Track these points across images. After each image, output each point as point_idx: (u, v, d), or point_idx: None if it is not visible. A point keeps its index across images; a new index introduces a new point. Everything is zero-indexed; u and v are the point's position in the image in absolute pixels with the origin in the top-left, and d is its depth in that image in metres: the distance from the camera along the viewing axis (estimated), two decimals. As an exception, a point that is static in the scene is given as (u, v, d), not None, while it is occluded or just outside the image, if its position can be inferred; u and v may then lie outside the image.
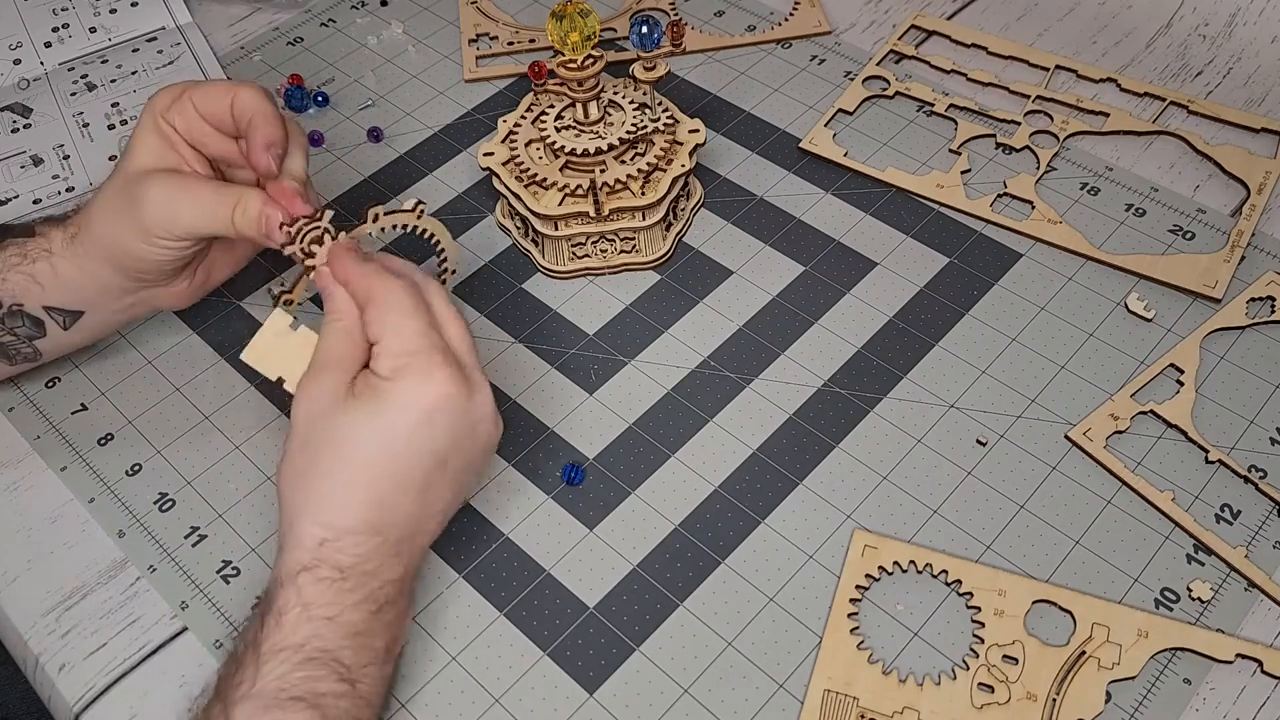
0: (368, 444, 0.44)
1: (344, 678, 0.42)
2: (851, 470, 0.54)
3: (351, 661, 0.43)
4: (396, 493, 0.45)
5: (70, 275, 0.53)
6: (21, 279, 0.53)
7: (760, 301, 0.61)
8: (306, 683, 0.41)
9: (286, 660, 0.42)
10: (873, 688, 0.47)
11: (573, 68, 0.58)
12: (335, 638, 0.43)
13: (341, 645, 0.43)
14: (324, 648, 0.42)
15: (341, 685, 0.42)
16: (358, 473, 0.44)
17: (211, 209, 0.50)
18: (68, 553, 0.54)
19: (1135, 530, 0.51)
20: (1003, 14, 0.77)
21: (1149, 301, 0.59)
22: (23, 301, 0.54)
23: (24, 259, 0.53)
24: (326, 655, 0.42)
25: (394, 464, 0.45)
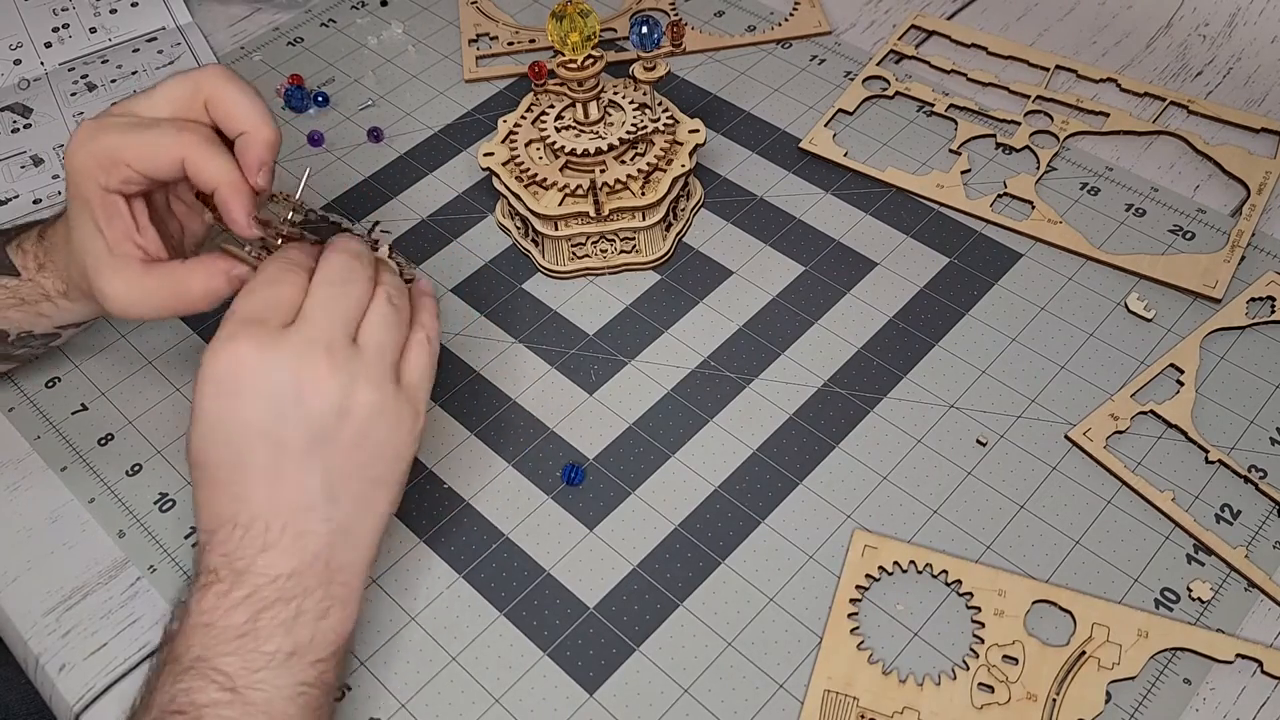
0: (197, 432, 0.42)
1: (225, 686, 0.40)
2: (851, 470, 0.54)
3: (233, 668, 0.40)
4: (235, 477, 0.42)
5: (75, 309, 0.53)
6: (25, 316, 0.53)
7: (760, 301, 0.61)
8: (186, 694, 0.40)
9: (171, 674, 0.40)
10: (873, 688, 0.47)
11: (573, 68, 0.58)
12: (212, 644, 0.40)
13: (220, 652, 0.40)
14: (201, 656, 0.40)
15: (223, 694, 0.40)
16: (202, 466, 0.43)
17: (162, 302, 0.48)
18: (68, 553, 0.54)
19: (1135, 530, 0.51)
20: (1003, 14, 0.77)
21: (1149, 301, 0.59)
22: (31, 329, 0.54)
23: (22, 302, 0.52)
24: (203, 664, 0.40)
25: (220, 447, 0.42)
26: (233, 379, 0.42)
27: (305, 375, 0.42)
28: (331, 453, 0.43)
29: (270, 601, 0.41)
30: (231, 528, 0.42)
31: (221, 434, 0.42)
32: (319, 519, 0.43)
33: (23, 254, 0.52)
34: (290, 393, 0.42)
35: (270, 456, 0.42)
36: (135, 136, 0.46)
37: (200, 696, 0.40)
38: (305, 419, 0.42)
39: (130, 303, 0.48)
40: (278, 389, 0.42)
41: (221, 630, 0.41)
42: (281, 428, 0.42)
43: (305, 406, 0.42)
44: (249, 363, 0.42)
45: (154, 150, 0.46)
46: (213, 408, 0.42)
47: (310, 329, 0.43)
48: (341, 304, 0.44)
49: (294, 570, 0.42)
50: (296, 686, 0.41)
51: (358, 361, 0.43)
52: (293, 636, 0.42)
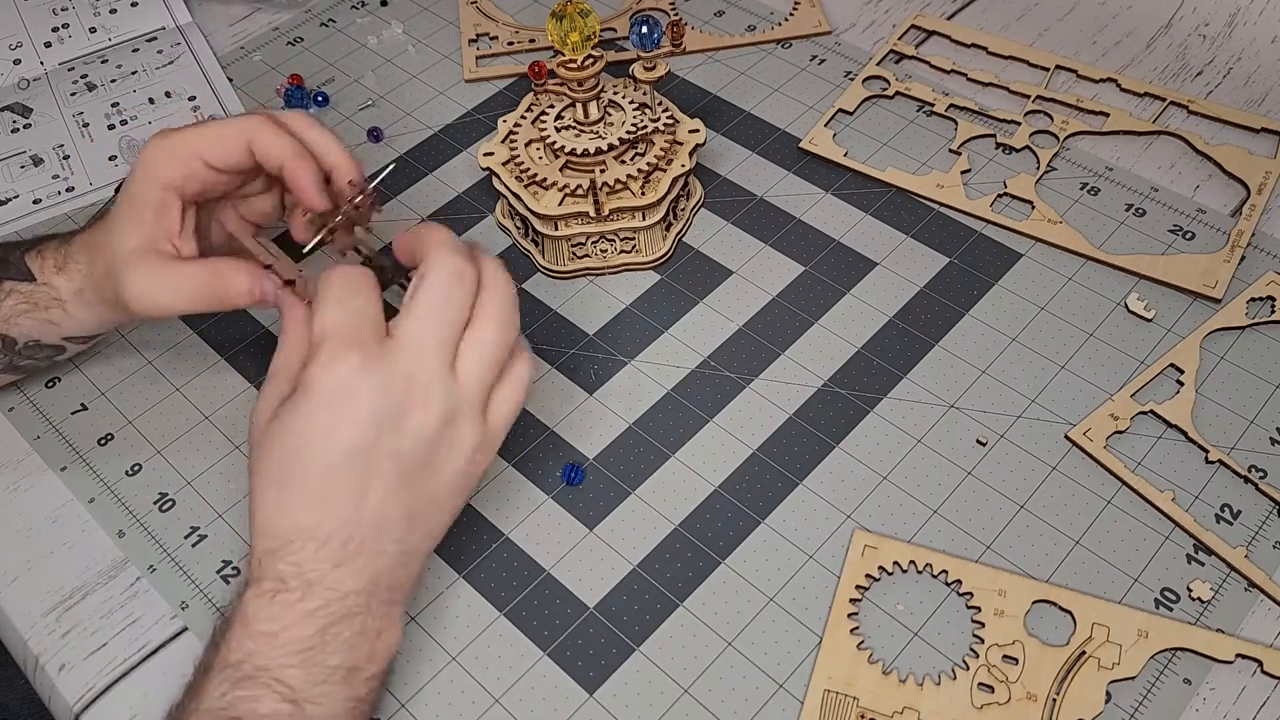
0: (287, 443, 0.42)
1: (288, 698, 0.40)
2: (851, 470, 0.54)
3: (297, 681, 0.40)
4: (323, 491, 0.42)
5: (85, 317, 0.53)
6: (35, 323, 0.53)
7: (760, 301, 0.61)
8: (244, 703, 0.39)
9: (227, 679, 0.40)
10: (873, 688, 0.47)
11: (573, 68, 0.58)
12: (276, 655, 0.40)
13: (284, 663, 0.40)
14: (263, 665, 0.40)
15: (285, 705, 0.40)
16: (285, 474, 0.42)
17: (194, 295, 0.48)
18: (68, 553, 0.54)
19: (1135, 530, 0.51)
20: (1003, 14, 0.77)
21: (1149, 301, 0.59)
22: (39, 338, 0.54)
23: (34, 307, 0.52)
24: (266, 674, 0.40)
25: (313, 460, 0.42)
26: (340, 395, 0.41)
27: (409, 401, 0.42)
28: (416, 479, 0.43)
29: (338, 617, 0.41)
30: (307, 539, 0.42)
31: (319, 451, 0.42)
32: (392, 541, 0.43)
33: (41, 259, 0.53)
34: (391, 416, 0.42)
35: (361, 475, 0.42)
36: (207, 130, 0.49)
37: (261, 706, 0.39)
38: (400, 442, 0.42)
39: (153, 293, 0.48)
40: (381, 411, 0.42)
41: (288, 641, 0.41)
42: (377, 448, 0.42)
43: (403, 431, 0.42)
44: (357, 380, 0.41)
45: (223, 140, 0.49)
46: (314, 426, 0.42)
47: (414, 353, 0.42)
48: (444, 329, 0.43)
49: (361, 588, 0.42)
50: (350, 701, 0.42)
51: (457, 394, 0.43)
52: (356, 652, 0.42)
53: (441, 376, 0.43)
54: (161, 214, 0.49)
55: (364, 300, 0.43)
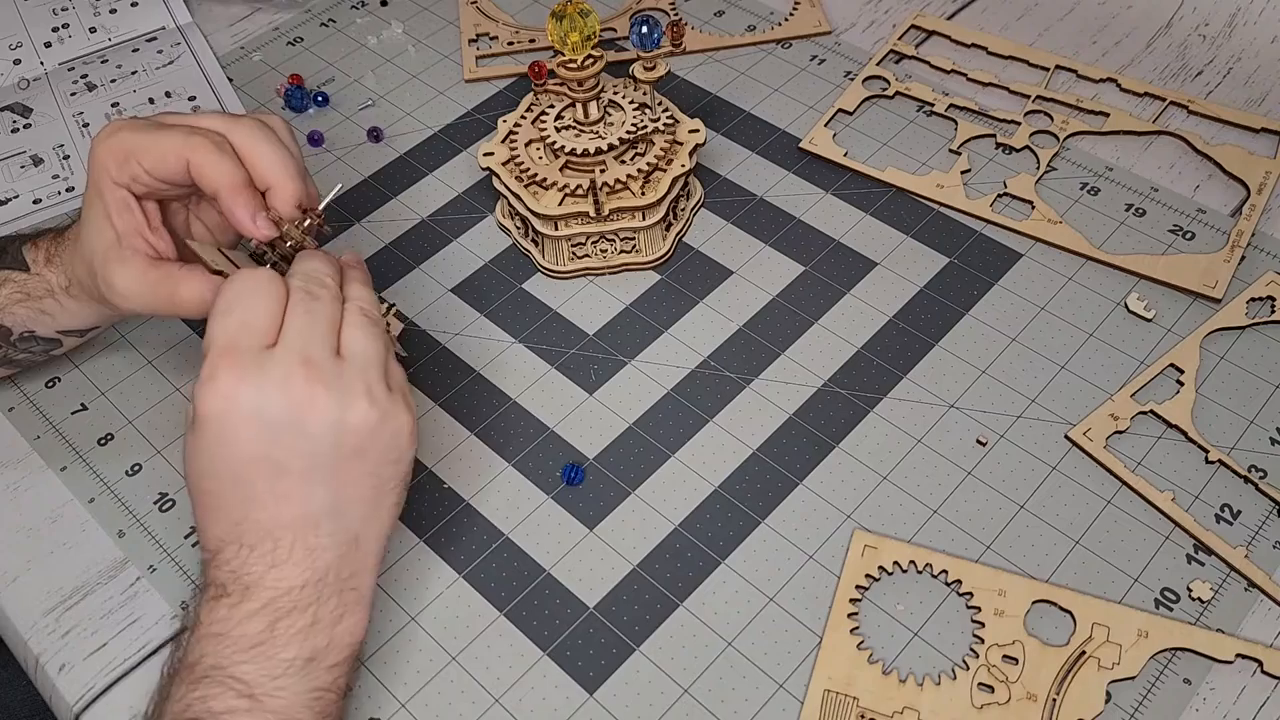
0: (194, 462, 0.43)
1: (244, 694, 0.40)
2: (851, 470, 0.54)
3: (252, 676, 0.41)
4: (234, 501, 0.42)
5: (76, 310, 0.53)
6: (29, 313, 0.53)
7: (760, 301, 0.61)
8: (202, 702, 0.40)
9: (184, 680, 0.41)
10: (873, 688, 0.47)
11: (573, 68, 0.58)
12: (228, 653, 0.41)
13: (236, 660, 0.41)
14: (216, 664, 0.41)
15: (241, 701, 0.40)
16: (200, 490, 0.43)
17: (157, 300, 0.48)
18: (68, 553, 0.54)
19: (1135, 530, 0.51)
20: (1003, 14, 0.77)
21: (1149, 301, 0.59)
22: (34, 329, 0.54)
23: (28, 297, 0.53)
24: (220, 672, 0.41)
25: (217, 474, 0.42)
26: (224, 415, 0.41)
27: (297, 399, 0.42)
28: (334, 469, 0.43)
29: (286, 611, 0.42)
30: (237, 548, 0.42)
31: (220, 466, 0.42)
32: (326, 533, 0.43)
33: (35, 249, 0.53)
34: (285, 418, 0.42)
35: (271, 480, 0.42)
36: (148, 137, 0.47)
37: (217, 704, 0.40)
38: (304, 442, 0.42)
39: (132, 295, 0.48)
40: (272, 417, 0.41)
41: (236, 639, 0.41)
42: (281, 452, 0.42)
43: (303, 429, 0.42)
44: (237, 396, 0.41)
45: (161, 152, 0.47)
46: (208, 444, 0.42)
47: (293, 351, 0.42)
48: (318, 320, 0.43)
49: (306, 581, 0.42)
50: (313, 692, 0.42)
51: (347, 375, 0.43)
52: (310, 643, 0.42)
53: (327, 365, 0.42)
54: (121, 211, 0.48)
55: (251, 309, 0.43)
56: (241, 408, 0.41)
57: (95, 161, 0.48)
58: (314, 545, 0.43)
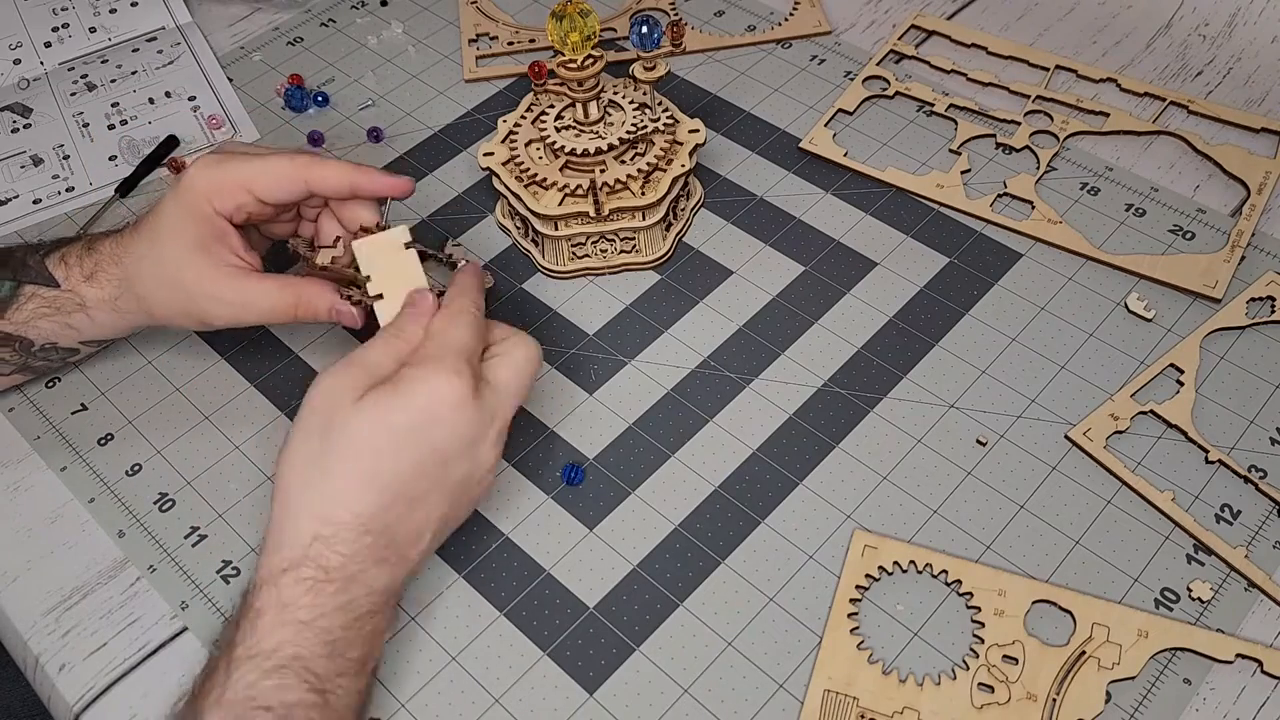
0: (373, 433, 0.43)
1: (315, 688, 0.41)
2: (851, 470, 0.54)
3: (324, 671, 0.41)
4: (393, 489, 0.44)
5: (109, 322, 0.54)
6: (55, 326, 0.54)
7: (760, 301, 0.61)
8: (276, 692, 0.40)
9: (257, 667, 0.40)
10: (873, 688, 0.47)
11: (573, 68, 0.58)
12: (309, 644, 0.41)
13: (315, 653, 0.41)
14: (296, 654, 0.41)
15: (313, 696, 0.40)
16: (358, 463, 0.43)
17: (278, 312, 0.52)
18: (68, 553, 0.54)
19: (1135, 530, 0.51)
20: (1003, 14, 0.77)
21: (1149, 301, 0.59)
22: (56, 341, 0.55)
23: (56, 311, 0.53)
24: (298, 663, 0.41)
25: (403, 456, 0.44)
26: (449, 407, 0.44)
27: (485, 431, 0.46)
28: (458, 498, 0.46)
29: (363, 612, 0.43)
30: (362, 532, 0.43)
31: (414, 445, 0.44)
32: (419, 550, 0.46)
33: (65, 266, 0.54)
34: (473, 439, 0.45)
35: (431, 484, 0.45)
36: (260, 165, 0.51)
37: (290, 695, 0.40)
38: (468, 464, 0.46)
39: (243, 310, 0.52)
40: (468, 431, 0.45)
41: (321, 631, 0.42)
42: (452, 464, 0.45)
43: (474, 454, 0.46)
44: (461, 400, 0.45)
45: (276, 177, 0.51)
46: (418, 421, 0.44)
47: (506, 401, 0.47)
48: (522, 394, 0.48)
49: (386, 588, 0.44)
50: (359, 694, 0.43)
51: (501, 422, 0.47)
52: (369, 647, 0.43)
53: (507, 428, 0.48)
54: (221, 235, 0.52)
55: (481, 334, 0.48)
56: (463, 414, 0.45)
57: (196, 193, 0.51)
58: (405, 557, 0.45)
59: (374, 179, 0.52)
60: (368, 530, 0.43)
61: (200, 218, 0.51)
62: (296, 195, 0.52)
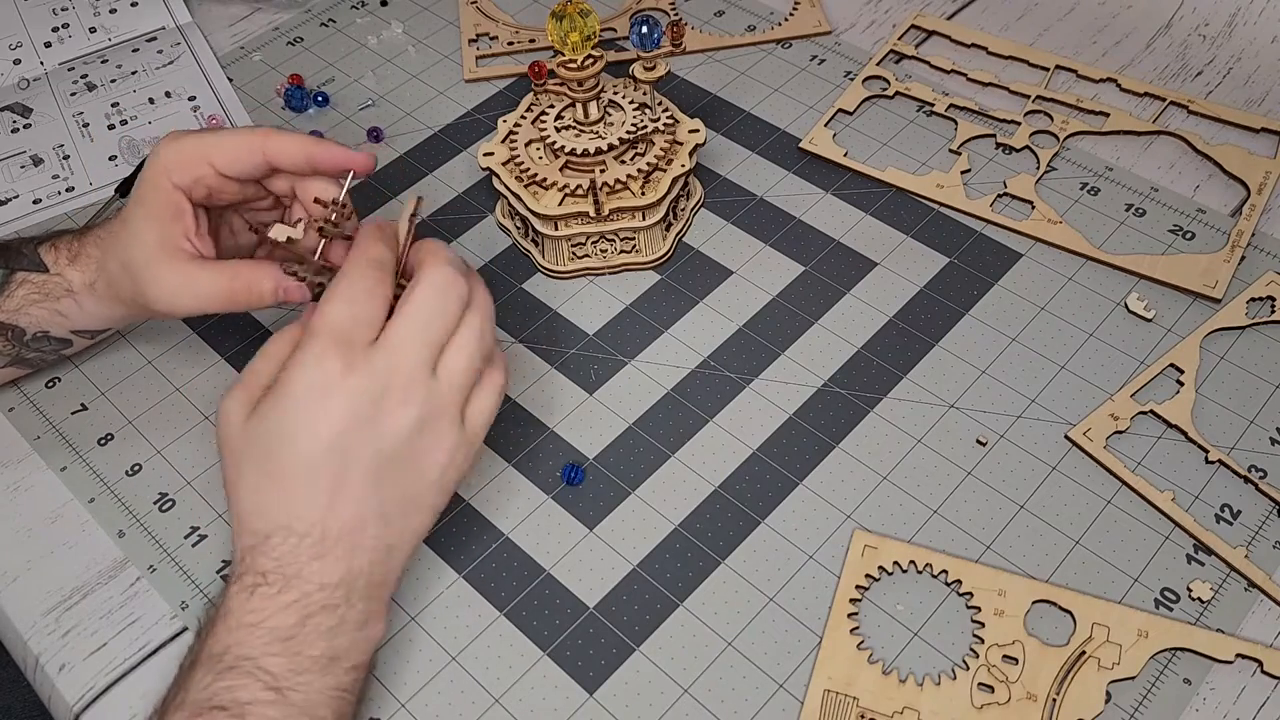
0: (266, 438, 0.43)
1: (270, 685, 0.41)
2: (851, 470, 0.54)
3: (279, 669, 0.41)
4: (301, 485, 0.43)
5: (95, 310, 0.54)
6: (45, 313, 0.54)
7: (760, 301, 0.61)
8: (229, 691, 0.40)
9: (210, 669, 0.41)
10: (873, 688, 0.47)
11: (573, 68, 0.58)
12: (258, 644, 0.41)
13: (266, 651, 0.41)
14: (246, 655, 0.41)
15: (268, 694, 0.40)
16: (264, 469, 0.43)
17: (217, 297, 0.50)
18: (68, 553, 0.54)
19: (1135, 530, 0.51)
20: (1003, 14, 0.77)
21: (1149, 301, 0.59)
22: (48, 329, 0.55)
23: (45, 297, 0.53)
24: (249, 663, 0.41)
25: (290, 454, 0.43)
26: (318, 393, 0.43)
27: (386, 400, 0.43)
28: (394, 477, 0.44)
29: (317, 608, 0.42)
30: (287, 533, 0.43)
31: (297, 446, 0.43)
32: (370, 536, 0.44)
33: (55, 251, 0.54)
34: (369, 414, 0.43)
35: (338, 471, 0.43)
36: (216, 138, 0.50)
37: (243, 694, 0.40)
38: (377, 441, 0.43)
39: (179, 294, 0.50)
40: (358, 409, 0.43)
41: (269, 631, 0.41)
42: (354, 445, 0.43)
43: (380, 430, 0.43)
44: (335, 380, 0.43)
45: (234, 149, 0.50)
46: (288, 418, 0.43)
47: (397, 356, 0.44)
48: (430, 334, 0.45)
49: (340, 580, 0.43)
50: (333, 690, 0.43)
51: (435, 395, 0.45)
52: (334, 643, 0.43)
53: (422, 379, 0.44)
54: (176, 215, 0.50)
55: (369, 304, 0.45)
56: (336, 391, 0.43)
57: (157, 165, 0.50)
58: (355, 545, 0.44)
59: (331, 152, 0.50)
60: (290, 530, 0.43)
61: (159, 192, 0.50)
62: (255, 168, 0.50)
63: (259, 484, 0.43)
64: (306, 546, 0.43)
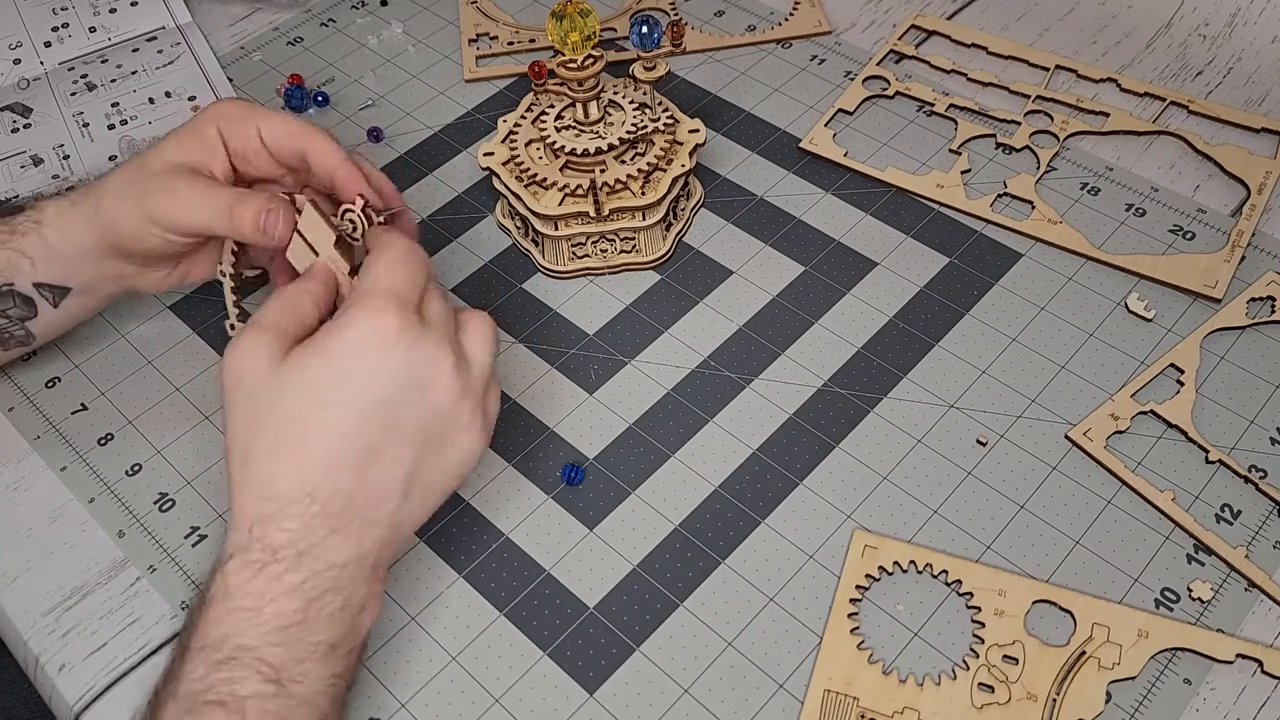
0: (301, 393, 0.41)
1: (270, 678, 0.39)
2: (851, 470, 0.54)
3: (279, 660, 0.39)
4: (338, 445, 0.41)
5: (57, 243, 0.52)
6: (10, 255, 0.52)
7: (760, 301, 0.61)
8: (226, 684, 0.39)
9: (207, 659, 0.39)
10: (873, 688, 0.47)
11: (573, 68, 0.58)
12: (258, 633, 0.39)
13: (267, 642, 0.39)
14: (244, 645, 0.39)
15: (268, 686, 0.39)
16: (292, 430, 0.41)
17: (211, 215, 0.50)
18: (68, 553, 0.54)
19: (1135, 530, 0.51)
20: (1003, 14, 0.77)
21: (1149, 301, 0.59)
22: (13, 280, 0.53)
23: (12, 234, 0.52)
24: (248, 654, 0.39)
25: (335, 410, 0.41)
26: (374, 349, 0.42)
27: (435, 370, 0.43)
28: (426, 451, 0.43)
29: (323, 590, 0.41)
30: (310, 501, 0.41)
31: (339, 400, 0.41)
32: (387, 512, 0.43)
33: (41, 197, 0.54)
34: (420, 379, 0.42)
35: (379, 435, 0.42)
36: (271, 115, 0.52)
37: (242, 688, 0.39)
38: (423, 408, 0.43)
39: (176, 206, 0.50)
40: (413, 372, 0.42)
41: (270, 617, 0.40)
42: (401, 409, 0.42)
43: (427, 397, 0.43)
44: (393, 339, 0.42)
45: (285, 125, 0.52)
46: (336, 374, 0.41)
47: (442, 330, 0.44)
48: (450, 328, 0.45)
49: (348, 560, 0.42)
50: (331, 679, 0.41)
51: (472, 378, 0.45)
52: (336, 628, 0.41)
53: (460, 361, 0.45)
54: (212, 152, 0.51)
55: (420, 273, 0.45)
56: (395, 353, 0.42)
57: (210, 112, 0.51)
58: (371, 520, 0.42)
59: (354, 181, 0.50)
60: (314, 499, 0.41)
61: (202, 129, 0.51)
62: (291, 155, 0.52)
63: (281, 443, 0.41)
64: (326, 518, 0.41)
